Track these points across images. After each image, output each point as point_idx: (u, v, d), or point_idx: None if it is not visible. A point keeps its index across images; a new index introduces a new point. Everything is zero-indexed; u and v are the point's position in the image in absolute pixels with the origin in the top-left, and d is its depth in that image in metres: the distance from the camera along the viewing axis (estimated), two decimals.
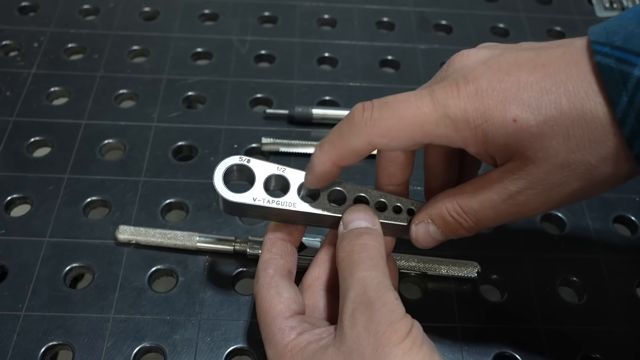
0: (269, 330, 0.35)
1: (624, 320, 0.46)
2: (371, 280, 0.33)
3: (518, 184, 0.32)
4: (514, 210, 0.33)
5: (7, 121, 0.55)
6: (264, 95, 0.60)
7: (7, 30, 0.64)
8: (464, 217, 0.34)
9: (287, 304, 0.36)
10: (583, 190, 0.32)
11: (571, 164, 0.30)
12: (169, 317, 0.44)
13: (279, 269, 0.37)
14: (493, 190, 0.33)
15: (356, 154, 0.34)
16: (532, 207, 0.33)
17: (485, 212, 0.34)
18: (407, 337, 0.31)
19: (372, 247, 0.35)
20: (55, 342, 0.42)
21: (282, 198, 0.37)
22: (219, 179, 0.37)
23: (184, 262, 0.47)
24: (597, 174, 0.31)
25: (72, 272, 0.46)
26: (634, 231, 0.52)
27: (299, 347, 0.34)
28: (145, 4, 0.68)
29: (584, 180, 0.31)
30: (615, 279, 0.48)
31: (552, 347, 0.44)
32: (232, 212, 0.40)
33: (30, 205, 0.50)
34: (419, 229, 0.37)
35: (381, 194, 0.38)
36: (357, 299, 0.32)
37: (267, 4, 0.70)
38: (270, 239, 0.39)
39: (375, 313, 0.31)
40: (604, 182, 0.31)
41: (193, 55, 0.63)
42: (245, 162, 0.38)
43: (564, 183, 0.31)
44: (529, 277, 0.48)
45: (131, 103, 0.59)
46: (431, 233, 0.36)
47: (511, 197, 0.32)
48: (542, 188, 0.31)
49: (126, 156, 0.54)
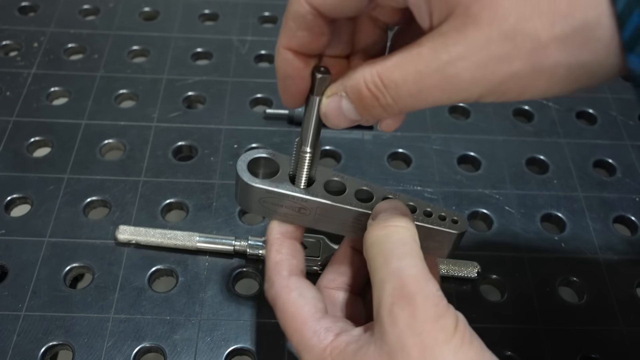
0: (301, 335, 0.33)
1: (624, 320, 0.46)
2: (409, 271, 0.30)
3: (451, 52, 0.26)
4: (440, 87, 0.27)
5: (7, 121, 0.56)
6: (264, 95, 0.60)
7: (7, 30, 0.64)
8: (382, 91, 0.28)
9: (314, 304, 0.33)
10: (521, 78, 0.26)
11: (518, 34, 0.24)
12: (169, 317, 0.44)
13: (294, 269, 0.35)
14: (421, 59, 0.27)
15: (301, 23, 0.30)
16: (461, 85, 0.26)
17: (407, 86, 0.28)
18: (456, 334, 0.28)
19: (404, 230, 0.32)
20: (55, 342, 0.42)
21: (308, 189, 0.36)
22: (244, 166, 0.36)
23: (184, 262, 0.47)
24: (543, 57, 0.25)
25: (72, 272, 0.46)
26: (634, 231, 0.52)
27: (339, 349, 0.31)
28: (145, 4, 0.68)
29: (526, 61, 0.25)
30: (615, 279, 0.48)
31: (552, 347, 0.44)
32: (249, 204, 0.38)
33: (30, 205, 0.50)
34: (330, 102, 0.31)
35: (409, 198, 0.37)
36: (395, 292, 0.30)
37: (267, 4, 0.70)
38: (277, 239, 0.36)
39: (418, 309, 0.29)
40: (550, 73, 0.25)
41: (193, 55, 0.63)
42: (270, 155, 0.37)
43: (504, 59, 0.25)
44: (529, 277, 0.48)
45: (131, 103, 0.59)
46: (343, 109, 0.31)
47: (440, 68, 0.26)
48: (477, 60, 0.25)
49: (126, 156, 0.54)
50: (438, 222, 0.36)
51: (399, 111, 0.29)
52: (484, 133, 0.58)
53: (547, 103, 0.62)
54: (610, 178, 0.55)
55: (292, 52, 0.31)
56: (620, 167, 0.56)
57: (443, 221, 0.37)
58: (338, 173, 0.37)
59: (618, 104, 0.62)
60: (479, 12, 0.25)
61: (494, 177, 0.55)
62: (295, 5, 0.29)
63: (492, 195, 0.53)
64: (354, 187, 0.37)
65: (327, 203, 0.36)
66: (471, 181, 0.54)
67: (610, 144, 0.58)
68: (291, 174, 0.36)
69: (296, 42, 0.31)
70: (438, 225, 0.36)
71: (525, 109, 0.61)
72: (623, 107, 0.62)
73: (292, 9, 0.30)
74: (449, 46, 0.26)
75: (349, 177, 0.37)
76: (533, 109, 0.61)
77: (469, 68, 0.26)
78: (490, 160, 0.56)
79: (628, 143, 0.58)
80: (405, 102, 0.28)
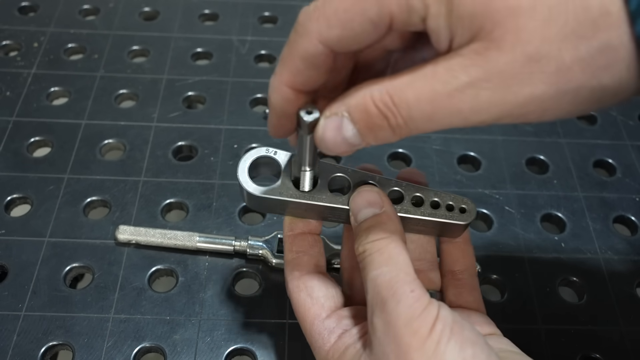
0: (310, 336, 0.34)
1: (624, 320, 0.46)
2: (382, 278, 0.30)
3: (471, 73, 0.25)
4: (457, 109, 0.26)
5: (7, 121, 0.56)
6: (264, 95, 0.60)
7: (7, 30, 0.64)
8: (393, 110, 0.26)
9: (321, 304, 0.34)
10: (544, 101, 0.25)
11: (542, 57, 0.24)
12: (169, 317, 0.44)
13: (305, 267, 0.35)
14: (437, 78, 0.26)
15: (310, 62, 0.28)
16: (479, 107, 0.25)
17: (421, 107, 0.26)
18: (431, 335, 0.28)
19: (381, 241, 0.32)
20: (55, 342, 0.42)
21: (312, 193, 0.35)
22: (245, 175, 0.35)
23: (184, 262, 0.47)
24: (567, 78, 0.24)
25: (72, 272, 0.46)
26: (634, 231, 0.52)
27: (339, 353, 0.32)
28: (145, 4, 0.68)
29: (550, 84, 0.25)
30: (615, 279, 0.48)
31: (552, 347, 0.44)
32: (259, 207, 0.38)
33: (30, 205, 0.50)
34: (328, 123, 0.28)
35: (417, 188, 0.36)
36: (373, 301, 0.30)
37: (267, 4, 0.70)
38: (288, 237, 0.37)
39: (390, 315, 0.29)
40: (573, 95, 0.25)
41: (193, 55, 0.63)
42: (272, 154, 0.36)
43: (526, 82, 0.25)
44: (529, 277, 0.48)
45: (131, 103, 0.59)
46: (343, 130, 0.28)
47: (459, 89, 0.25)
48: (498, 82, 0.25)
49: (126, 156, 0.54)
50: (445, 214, 0.36)
51: (408, 133, 0.27)
52: (484, 133, 0.58)
53: None
54: (610, 178, 0.55)
55: (292, 90, 0.29)
56: (620, 167, 0.56)
57: (451, 212, 0.36)
58: (342, 167, 0.36)
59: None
60: (502, 35, 0.24)
61: (494, 177, 0.55)
62: (305, 44, 0.27)
63: (492, 195, 0.53)
64: (359, 181, 0.36)
65: (332, 206, 0.35)
66: (471, 181, 0.54)
67: (610, 144, 0.58)
68: (294, 177, 0.36)
69: (301, 80, 0.29)
70: (445, 218, 0.36)
71: None
72: (623, 107, 0.62)
73: (300, 48, 0.28)
74: (468, 67, 0.25)
75: (352, 171, 0.36)
76: None
77: (489, 89, 0.25)
78: (490, 160, 0.56)
79: (628, 143, 0.58)
80: (416, 123, 0.27)
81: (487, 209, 0.52)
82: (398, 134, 0.27)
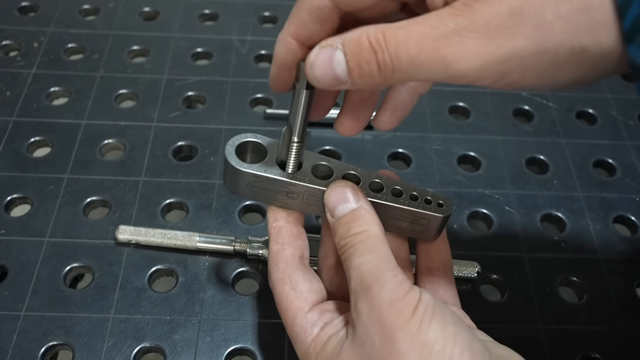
0: (292, 329, 0.34)
1: (624, 320, 0.46)
2: (365, 266, 0.31)
3: (458, 21, 0.26)
4: (440, 54, 0.27)
5: (7, 121, 0.56)
6: (264, 95, 0.60)
7: (7, 30, 0.64)
8: (382, 46, 0.28)
9: (304, 297, 0.34)
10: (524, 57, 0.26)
11: (525, 11, 0.25)
12: (169, 317, 0.44)
13: (289, 259, 0.36)
14: (427, 24, 0.27)
15: (315, 15, 0.30)
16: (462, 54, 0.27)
17: (408, 46, 0.27)
18: (413, 317, 0.29)
19: (362, 234, 0.33)
20: (55, 342, 0.42)
21: (295, 174, 0.36)
22: (232, 150, 0.36)
23: (184, 262, 0.47)
24: (547, 36, 0.25)
25: (72, 272, 0.46)
26: (634, 231, 0.52)
27: (322, 344, 0.32)
28: (145, 4, 0.68)
29: (530, 39, 0.26)
30: (615, 279, 0.48)
31: (552, 347, 0.44)
32: (237, 188, 0.38)
33: (30, 205, 0.50)
34: (322, 51, 0.29)
35: (396, 182, 0.37)
36: (356, 288, 0.31)
37: (267, 4, 0.70)
38: (274, 228, 0.37)
39: (374, 298, 0.30)
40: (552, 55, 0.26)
41: (193, 55, 0.63)
42: (259, 140, 0.37)
43: (509, 35, 0.26)
44: (529, 277, 0.48)
45: (131, 103, 0.59)
46: (334, 61, 0.29)
47: (445, 35, 0.27)
48: (483, 32, 0.26)
49: (126, 156, 0.54)
50: (423, 206, 0.37)
51: (392, 76, 0.28)
52: (484, 133, 0.58)
53: (547, 103, 0.62)
54: (610, 178, 0.55)
55: (297, 42, 0.31)
56: (620, 167, 0.56)
57: (429, 205, 0.37)
58: (326, 157, 0.37)
59: (618, 104, 0.62)
60: None
61: (494, 177, 0.55)
62: None
63: (492, 195, 0.53)
64: (341, 171, 0.37)
65: (314, 187, 0.36)
66: (471, 181, 0.54)
67: (610, 144, 0.58)
68: (279, 159, 0.36)
69: (306, 33, 0.31)
70: (423, 209, 0.37)
71: (525, 109, 0.61)
72: (623, 107, 0.62)
73: (307, 0, 0.30)
74: (456, 16, 0.27)
75: (336, 162, 0.38)
76: (533, 108, 0.61)
77: (473, 38, 0.26)
78: (490, 160, 0.56)
79: (628, 143, 0.58)
80: (401, 62, 0.28)
81: (487, 209, 0.52)
82: (383, 72, 0.28)
